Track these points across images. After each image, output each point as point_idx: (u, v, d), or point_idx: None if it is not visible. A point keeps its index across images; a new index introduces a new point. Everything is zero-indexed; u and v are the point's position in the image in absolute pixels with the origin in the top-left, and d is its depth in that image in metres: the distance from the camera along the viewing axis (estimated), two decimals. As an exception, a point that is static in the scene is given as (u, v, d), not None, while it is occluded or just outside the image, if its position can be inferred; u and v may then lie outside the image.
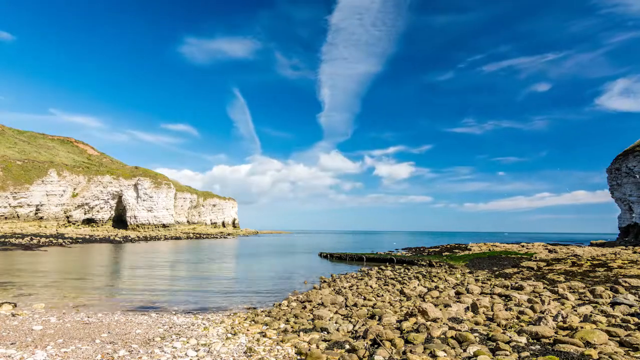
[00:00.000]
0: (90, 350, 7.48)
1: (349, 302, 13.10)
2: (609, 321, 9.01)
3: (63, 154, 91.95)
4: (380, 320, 9.86)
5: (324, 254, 39.95)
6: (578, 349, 6.71)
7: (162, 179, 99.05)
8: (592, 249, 40.00)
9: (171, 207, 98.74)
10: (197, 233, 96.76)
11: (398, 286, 17.09)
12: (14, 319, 10.16)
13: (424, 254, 41.57)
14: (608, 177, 63.17)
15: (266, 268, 28.98)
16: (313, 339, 8.31)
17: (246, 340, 8.48)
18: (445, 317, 9.71)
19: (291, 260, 37.03)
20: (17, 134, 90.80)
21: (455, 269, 25.76)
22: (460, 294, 13.85)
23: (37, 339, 8.12)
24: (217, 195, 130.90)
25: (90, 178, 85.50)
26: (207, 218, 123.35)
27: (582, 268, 22.33)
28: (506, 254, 35.75)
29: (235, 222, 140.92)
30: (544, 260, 29.13)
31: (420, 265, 29.24)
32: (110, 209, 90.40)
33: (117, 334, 8.81)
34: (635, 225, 57.00)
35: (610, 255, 31.33)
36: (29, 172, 71.32)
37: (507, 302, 12.06)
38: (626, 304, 10.76)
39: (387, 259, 33.74)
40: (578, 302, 12.05)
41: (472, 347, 7.06)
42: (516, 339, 7.55)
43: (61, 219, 77.33)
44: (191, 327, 9.84)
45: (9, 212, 65.93)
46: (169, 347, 7.78)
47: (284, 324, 10.12)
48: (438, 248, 51.30)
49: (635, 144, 60.59)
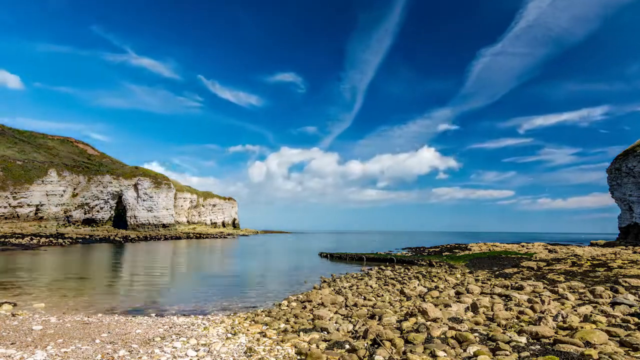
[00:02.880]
0: (90, 350, 7.48)
1: (349, 302, 13.09)
2: (609, 321, 9.00)
3: (63, 154, 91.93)
4: (380, 320, 9.86)
5: (324, 254, 39.97)
6: (578, 349, 6.71)
7: (162, 179, 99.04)
8: (592, 249, 39.99)
9: (171, 207, 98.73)
10: (197, 233, 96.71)
11: (398, 286, 17.08)
12: (14, 319, 10.15)
13: (424, 254, 41.58)
14: (608, 177, 63.12)
15: (266, 268, 28.97)
16: (313, 339, 8.31)
17: (246, 340, 8.48)
18: (445, 317, 9.71)
19: (291, 260, 37.03)
20: (17, 134, 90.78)
21: (455, 269, 25.76)
22: (460, 294, 13.84)
23: (37, 339, 8.12)
24: (217, 195, 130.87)
25: (90, 178, 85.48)
26: (207, 218, 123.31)
27: (582, 268, 22.32)
28: (506, 254, 35.77)
29: (235, 222, 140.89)
30: (544, 260, 29.12)
31: (420, 265, 29.25)
32: (110, 209, 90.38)
33: (117, 334, 8.81)
34: (636, 225, 56.99)
35: (610, 255, 31.30)
36: (29, 172, 71.31)
37: (507, 302, 12.05)
38: (626, 304, 10.75)
39: (387, 259, 33.74)
40: (578, 302, 12.04)
41: (472, 347, 7.05)
42: (516, 339, 7.55)
43: (61, 219, 77.29)
44: (191, 327, 9.83)
45: (9, 212, 65.91)
46: (169, 347, 7.77)
47: (284, 324, 10.12)
48: (438, 248, 51.34)
49: (635, 143, 60.57)
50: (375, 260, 34.02)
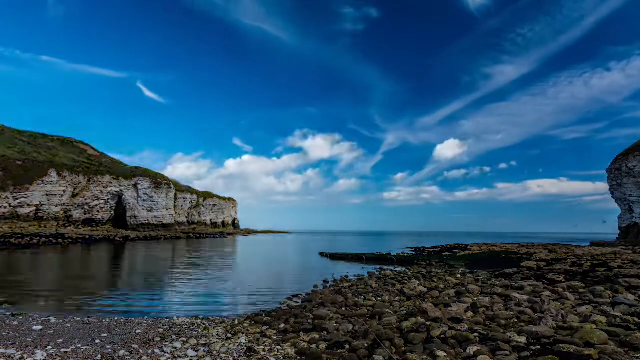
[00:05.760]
0: (90, 350, 7.47)
1: (349, 302, 13.09)
2: (609, 321, 8.99)
3: (63, 154, 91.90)
4: (380, 320, 9.85)
5: (324, 254, 39.98)
6: (578, 349, 6.70)
7: (162, 179, 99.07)
8: (592, 249, 39.95)
9: (171, 207, 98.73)
10: (197, 233, 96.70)
11: (398, 286, 17.07)
12: (13, 319, 10.15)
13: (424, 254, 41.58)
14: (608, 177, 63.12)
15: (266, 268, 28.97)
16: (313, 339, 8.31)
17: (246, 340, 8.47)
18: (445, 317, 9.70)
19: (291, 259, 37.02)
20: (17, 134, 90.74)
21: (455, 269, 25.76)
22: (460, 294, 13.83)
23: (37, 339, 8.12)
24: (217, 196, 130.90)
25: (90, 178, 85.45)
26: (207, 218, 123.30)
27: (582, 268, 22.31)
28: (506, 254, 35.71)
29: (235, 222, 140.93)
30: (544, 260, 29.10)
31: (420, 265, 29.24)
32: (110, 209, 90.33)
33: (117, 334, 8.81)
34: (636, 225, 56.99)
35: (610, 255, 31.28)
36: (29, 172, 71.30)
37: (507, 302, 12.03)
38: (626, 304, 10.75)
39: (387, 258, 33.73)
40: (578, 302, 12.03)
41: (472, 347, 7.05)
42: (516, 339, 7.55)
43: (61, 219, 77.26)
44: (191, 327, 9.83)
45: (9, 212, 65.92)
46: (169, 347, 7.77)
47: (284, 324, 10.11)
48: (438, 248, 51.32)
49: (635, 143, 60.59)
50: (375, 260, 34.02)
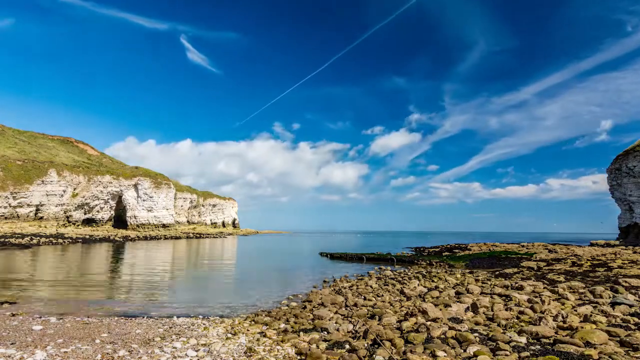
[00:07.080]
0: (90, 350, 7.47)
1: (349, 302, 13.08)
2: (609, 321, 9.00)
3: (63, 154, 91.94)
4: (380, 320, 9.85)
5: (324, 254, 39.99)
6: (578, 349, 6.71)
7: (162, 179, 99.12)
8: (592, 249, 39.98)
9: (171, 207, 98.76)
10: (197, 233, 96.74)
11: (398, 286, 17.07)
12: (13, 319, 10.15)
13: (424, 254, 41.59)
14: (608, 177, 63.15)
15: (266, 267, 28.98)
16: (313, 339, 8.30)
17: (246, 340, 8.47)
18: (445, 317, 9.70)
19: (291, 259, 37.02)
20: (17, 134, 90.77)
21: (455, 269, 25.76)
22: (460, 294, 13.83)
23: (37, 339, 8.12)
24: (217, 195, 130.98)
25: (90, 178, 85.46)
26: (207, 218, 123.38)
27: (582, 268, 22.32)
28: (506, 254, 35.73)
29: (235, 222, 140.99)
30: (544, 260, 29.12)
31: (420, 265, 29.26)
32: (110, 209, 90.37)
33: (117, 334, 8.81)
34: (636, 225, 57.01)
35: (610, 255, 31.30)
36: (29, 172, 71.31)
37: (507, 302, 12.04)
38: (626, 304, 10.75)
39: (387, 258, 33.74)
40: (578, 302, 12.03)
41: (472, 347, 7.05)
42: (516, 339, 7.55)
43: (61, 219, 77.27)
44: (191, 327, 9.83)
45: (9, 212, 65.92)
46: (169, 347, 7.77)
47: (284, 324, 10.11)
48: (438, 248, 51.32)
49: (635, 143, 60.62)
50: (375, 260, 34.02)
